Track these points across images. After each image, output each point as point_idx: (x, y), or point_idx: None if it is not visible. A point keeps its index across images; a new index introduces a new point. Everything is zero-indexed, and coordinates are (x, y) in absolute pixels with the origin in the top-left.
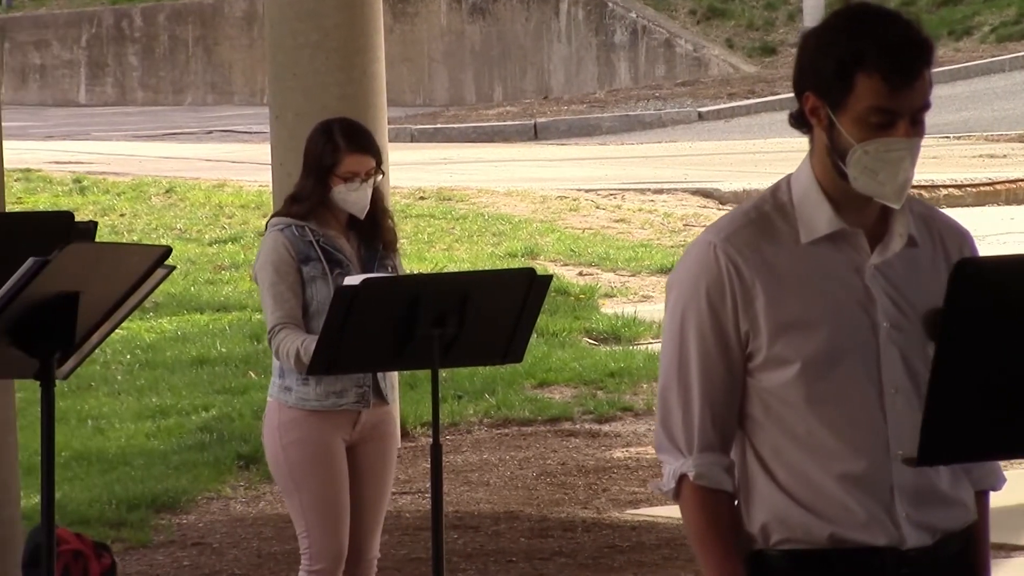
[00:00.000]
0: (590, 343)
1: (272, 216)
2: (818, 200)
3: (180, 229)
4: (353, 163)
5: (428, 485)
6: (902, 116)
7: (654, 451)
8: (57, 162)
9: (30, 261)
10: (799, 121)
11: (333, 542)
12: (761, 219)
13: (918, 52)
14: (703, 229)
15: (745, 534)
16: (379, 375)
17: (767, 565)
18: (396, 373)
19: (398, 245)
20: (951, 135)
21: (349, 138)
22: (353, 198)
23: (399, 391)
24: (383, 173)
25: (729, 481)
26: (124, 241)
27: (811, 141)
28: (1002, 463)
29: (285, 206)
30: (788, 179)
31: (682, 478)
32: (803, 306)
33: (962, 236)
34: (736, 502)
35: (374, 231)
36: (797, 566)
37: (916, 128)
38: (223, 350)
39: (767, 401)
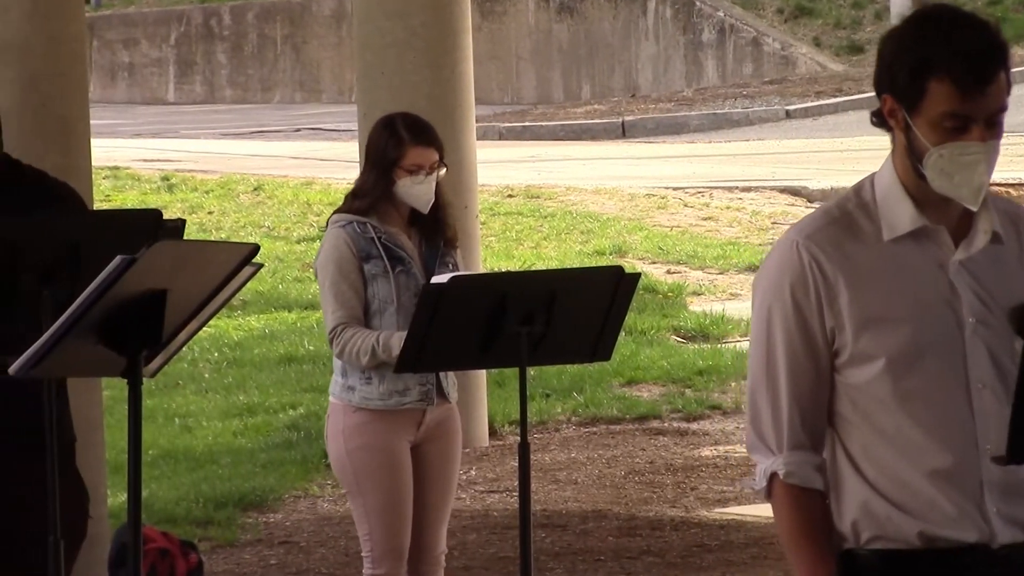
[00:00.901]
0: (678, 341)
1: (333, 213)
2: (900, 198)
3: (268, 227)
4: (417, 155)
5: (516, 484)
6: (976, 120)
7: (744, 449)
8: (145, 160)
9: (118, 259)
10: (880, 121)
11: (394, 546)
12: (844, 217)
13: (990, 57)
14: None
15: (836, 532)
16: (441, 373)
17: (857, 564)
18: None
19: (458, 241)
20: None
21: (413, 131)
22: (417, 191)
23: (487, 389)
24: (446, 167)
25: (820, 479)
26: (212, 239)
27: (892, 140)
28: None
29: (346, 202)
30: (871, 177)
31: (773, 477)
32: (886, 302)
33: None
34: (828, 500)
35: (436, 227)
36: (887, 566)
37: (992, 131)
38: (311, 348)
39: (855, 398)
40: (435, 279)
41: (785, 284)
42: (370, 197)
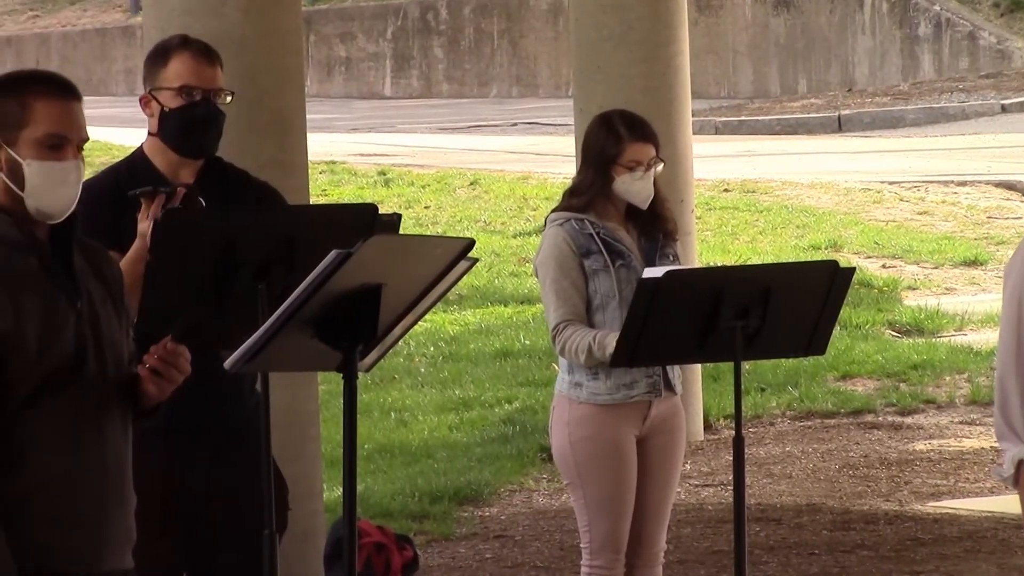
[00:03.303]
0: (893, 335)
1: (551, 211)
2: None
3: (484, 221)
4: (636, 152)
5: (731, 477)
6: None
7: (958, 443)
8: (362, 154)
9: (333, 253)
10: None
11: (613, 538)
12: None
13: None
14: (1006, 221)
15: None
16: (668, 365)
17: None
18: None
19: (678, 234)
20: None
21: (630, 127)
22: (637, 187)
23: (702, 383)
24: (663, 162)
25: None
26: (428, 233)
27: None
28: None
29: (564, 200)
30: None
31: (1020, 464)
32: None
33: None
34: None
35: (654, 221)
36: None
37: None
38: (526, 342)
39: None
40: (648, 272)
41: None
42: (588, 194)
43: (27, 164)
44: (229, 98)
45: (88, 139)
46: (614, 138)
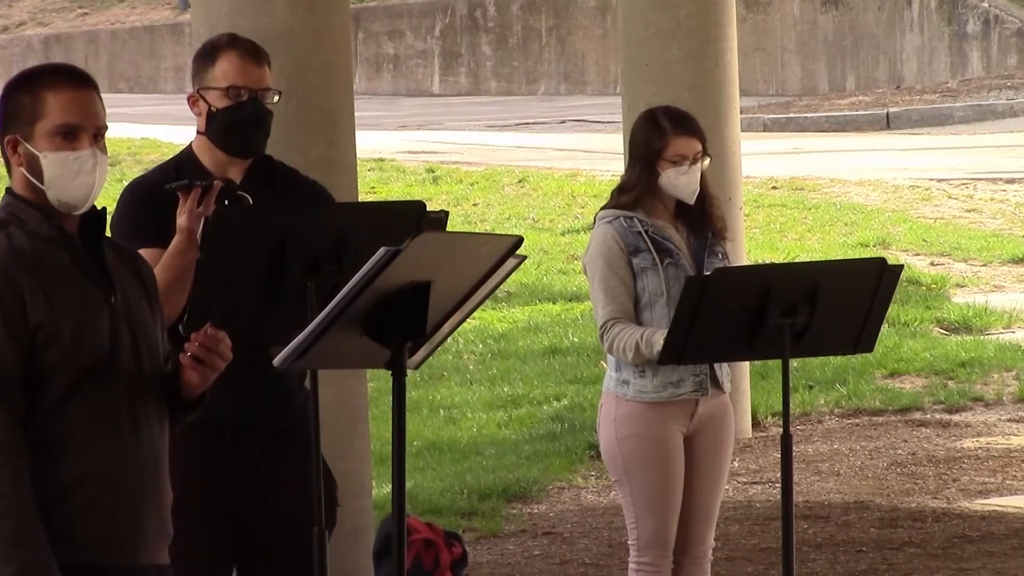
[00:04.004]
0: (941, 333)
1: (600, 209)
2: None
3: (533, 219)
4: (680, 146)
5: (778, 475)
6: None
7: (1007, 441)
8: (410, 152)
9: (382, 250)
10: None
11: (660, 535)
12: None
13: None
14: None
15: None
16: (716, 363)
17: None
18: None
19: (727, 232)
20: None
21: (674, 121)
22: (682, 182)
23: (750, 381)
24: (710, 157)
25: None
26: (476, 231)
27: None
28: None
29: (612, 198)
30: None
31: None
32: None
33: None
34: None
35: (702, 219)
36: None
37: None
38: (575, 340)
39: None
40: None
41: None
42: (635, 191)
43: (43, 156)
44: (277, 97)
45: (107, 127)
46: (658, 132)
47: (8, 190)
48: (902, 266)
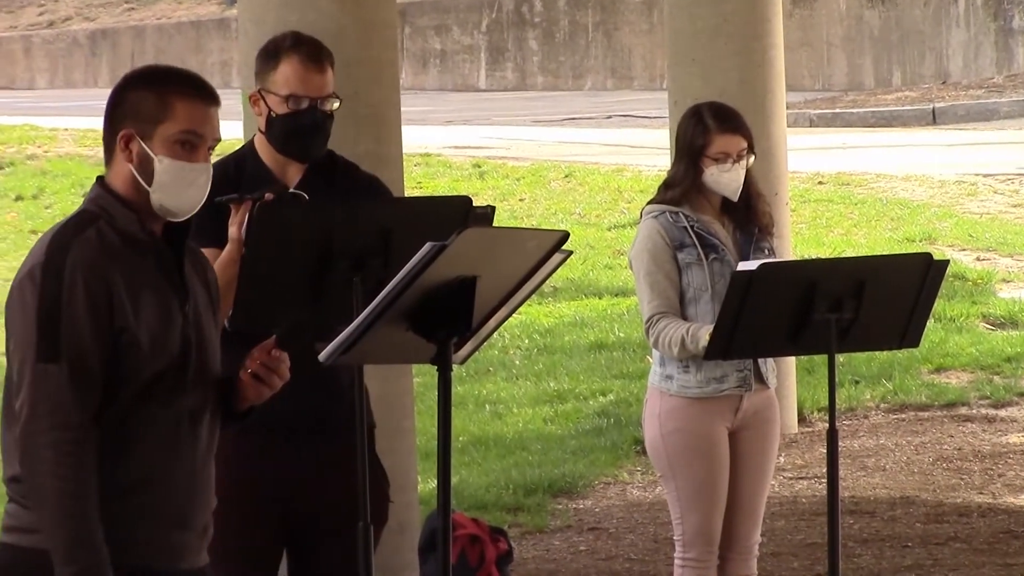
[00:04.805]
0: (987, 328)
1: (646, 204)
2: None
3: (579, 214)
4: (724, 143)
5: (824, 470)
6: None
7: None
8: (456, 147)
9: (428, 246)
10: None
11: (706, 531)
12: None
13: None
14: None
15: None
16: (761, 358)
17: None
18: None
19: (773, 228)
20: None
21: (719, 118)
22: (726, 179)
23: (796, 376)
24: (755, 154)
25: None
26: (523, 226)
27: None
28: None
29: (659, 193)
30: None
31: None
32: None
33: None
34: None
35: (749, 215)
36: None
37: None
38: (621, 335)
39: None
40: (743, 265)
41: None
42: (681, 187)
43: (159, 160)
44: (336, 104)
45: (220, 140)
46: (702, 129)
47: (100, 181)
48: (948, 261)
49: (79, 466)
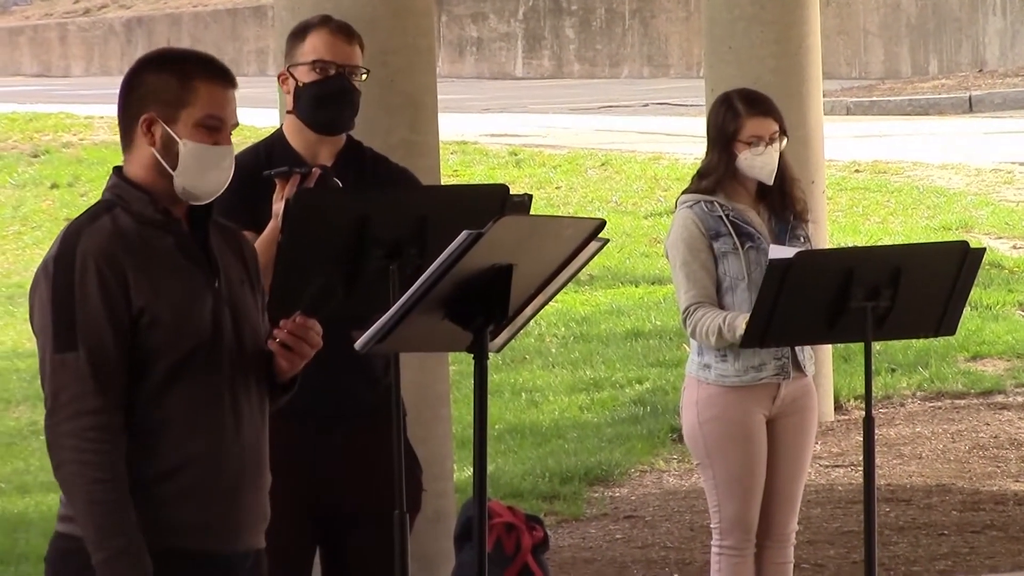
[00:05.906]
0: (1023, 316)
1: (681, 193)
2: None
3: (615, 202)
4: (755, 127)
5: (860, 458)
6: None
7: None
8: (493, 135)
9: (464, 234)
10: None
11: (743, 519)
12: None
13: None
14: None
15: None
16: (798, 346)
17: None
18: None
19: (808, 215)
20: None
21: (748, 102)
22: (759, 163)
23: (832, 364)
24: (787, 138)
25: None
26: (559, 214)
27: None
28: None
29: (693, 183)
30: None
31: None
32: None
33: None
34: None
35: (784, 201)
36: None
37: None
38: (657, 323)
39: None
40: (779, 254)
41: None
42: (715, 175)
43: (183, 144)
44: (365, 76)
45: (238, 124)
46: (732, 115)
47: (117, 171)
48: (984, 249)
49: (104, 452)
